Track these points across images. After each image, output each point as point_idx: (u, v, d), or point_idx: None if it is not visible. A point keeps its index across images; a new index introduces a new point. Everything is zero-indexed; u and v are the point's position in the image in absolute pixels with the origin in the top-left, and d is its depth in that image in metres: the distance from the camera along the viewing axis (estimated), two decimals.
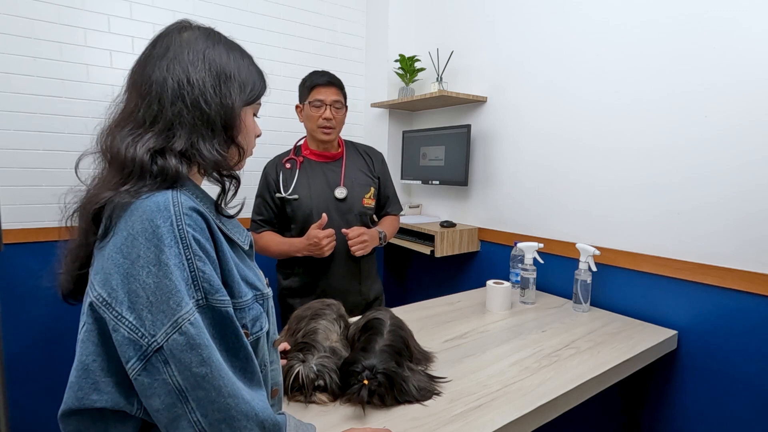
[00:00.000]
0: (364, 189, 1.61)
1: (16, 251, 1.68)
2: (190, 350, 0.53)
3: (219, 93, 0.64)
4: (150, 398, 0.54)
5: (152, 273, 0.54)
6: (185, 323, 0.54)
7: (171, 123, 0.62)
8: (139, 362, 0.53)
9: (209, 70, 0.64)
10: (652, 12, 1.41)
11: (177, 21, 0.69)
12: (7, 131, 1.66)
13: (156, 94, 0.62)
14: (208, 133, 0.64)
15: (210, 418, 0.54)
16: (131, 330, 0.53)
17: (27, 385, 1.74)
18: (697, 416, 1.36)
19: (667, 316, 1.41)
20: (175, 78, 0.62)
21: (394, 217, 1.74)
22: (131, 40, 1.86)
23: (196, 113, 0.62)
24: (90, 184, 0.64)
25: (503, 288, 1.49)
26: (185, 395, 0.53)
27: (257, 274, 0.72)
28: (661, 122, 1.41)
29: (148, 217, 0.55)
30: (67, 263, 0.65)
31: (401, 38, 2.38)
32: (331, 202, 1.55)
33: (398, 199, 1.77)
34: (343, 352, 1.00)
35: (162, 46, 0.65)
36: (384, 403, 0.87)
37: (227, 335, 0.59)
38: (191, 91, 0.62)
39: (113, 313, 0.54)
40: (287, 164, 1.59)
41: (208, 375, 0.54)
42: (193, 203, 0.60)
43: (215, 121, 0.64)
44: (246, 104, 0.69)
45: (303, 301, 1.51)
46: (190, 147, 0.62)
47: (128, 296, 0.54)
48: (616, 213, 1.54)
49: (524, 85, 1.84)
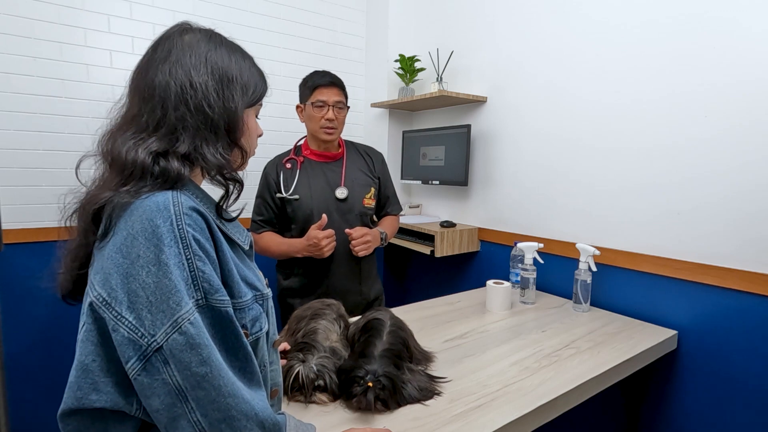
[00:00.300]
0: (364, 189, 1.61)
1: (16, 251, 1.68)
2: (189, 350, 0.53)
3: (222, 96, 0.64)
4: (149, 398, 0.54)
5: (152, 273, 0.54)
6: (185, 323, 0.53)
7: (174, 127, 0.62)
8: (139, 362, 0.53)
9: (212, 73, 0.64)
10: (652, 12, 1.41)
11: (178, 23, 0.69)
12: (7, 131, 1.66)
13: (159, 99, 0.62)
14: (212, 137, 0.64)
15: (210, 418, 0.54)
16: (131, 330, 0.53)
17: (27, 385, 1.74)
18: (697, 416, 1.36)
19: (667, 316, 1.41)
20: (178, 82, 0.62)
21: (394, 218, 1.74)
22: (131, 40, 1.86)
23: (200, 117, 0.63)
24: (90, 186, 0.64)
25: (503, 288, 1.49)
26: (185, 395, 0.53)
27: (257, 275, 0.72)
28: (661, 122, 1.41)
29: (147, 216, 0.55)
30: (66, 263, 0.65)
31: (401, 38, 2.38)
32: (331, 203, 1.55)
33: (398, 199, 1.77)
34: (343, 352, 1.00)
35: (164, 49, 0.65)
36: (387, 407, 0.87)
37: (227, 335, 0.59)
38: (194, 95, 0.62)
39: (113, 313, 0.54)
40: (288, 164, 1.59)
41: (208, 375, 0.54)
42: (193, 203, 0.60)
43: (218, 125, 0.64)
44: (248, 106, 0.69)
45: (303, 301, 1.50)
46: (194, 151, 0.62)
47: (128, 296, 0.54)
48: (616, 213, 1.54)
49: (524, 85, 1.84)
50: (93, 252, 0.60)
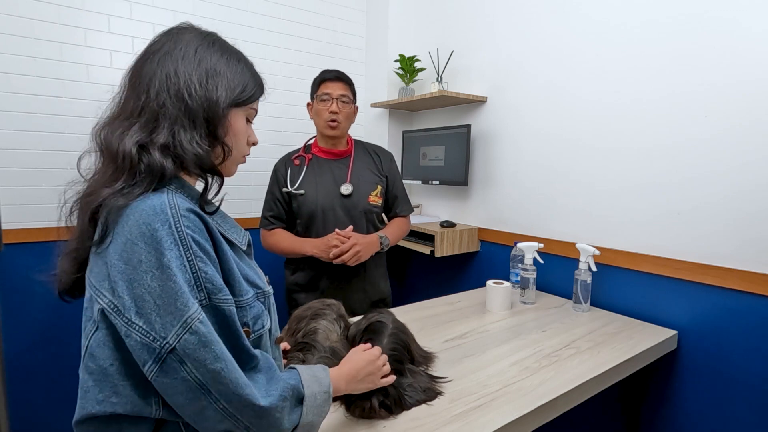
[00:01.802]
0: (370, 186, 1.60)
1: (16, 251, 1.68)
2: (203, 348, 0.54)
3: (204, 86, 0.64)
4: (173, 396, 0.55)
5: (156, 276, 0.54)
6: (195, 322, 0.54)
7: (156, 114, 0.62)
8: (155, 364, 0.53)
9: (198, 64, 0.65)
10: (652, 12, 1.41)
11: (180, 23, 0.70)
12: (7, 131, 1.66)
13: (144, 86, 0.63)
14: (190, 125, 0.63)
15: (234, 404, 0.56)
16: (143, 334, 0.54)
17: (27, 385, 1.74)
18: (697, 416, 1.36)
19: (667, 316, 1.41)
20: (164, 70, 0.63)
21: (403, 219, 1.71)
22: (131, 40, 1.86)
23: (179, 104, 0.63)
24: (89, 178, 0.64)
25: (503, 288, 1.49)
26: (207, 388, 0.55)
27: (257, 272, 0.72)
28: (661, 122, 1.41)
29: (144, 221, 0.56)
30: (62, 266, 0.65)
31: (401, 38, 2.38)
32: (336, 198, 1.55)
33: (408, 199, 1.74)
34: (343, 353, 0.99)
35: (159, 43, 0.66)
36: (391, 412, 0.86)
37: (230, 334, 0.60)
38: (177, 83, 0.63)
39: (123, 320, 0.54)
40: (296, 161, 1.61)
41: (224, 370, 0.55)
42: (189, 204, 0.60)
43: (197, 113, 0.64)
44: (235, 105, 0.68)
45: (308, 296, 1.53)
46: (172, 139, 0.62)
47: (134, 302, 0.54)
48: (616, 213, 1.54)
49: (524, 85, 1.84)
50: (91, 257, 0.60)
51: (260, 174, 2.13)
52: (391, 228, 1.65)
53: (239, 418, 0.57)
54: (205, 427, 0.57)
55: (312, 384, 0.67)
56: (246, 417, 0.57)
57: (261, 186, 2.17)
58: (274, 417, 0.59)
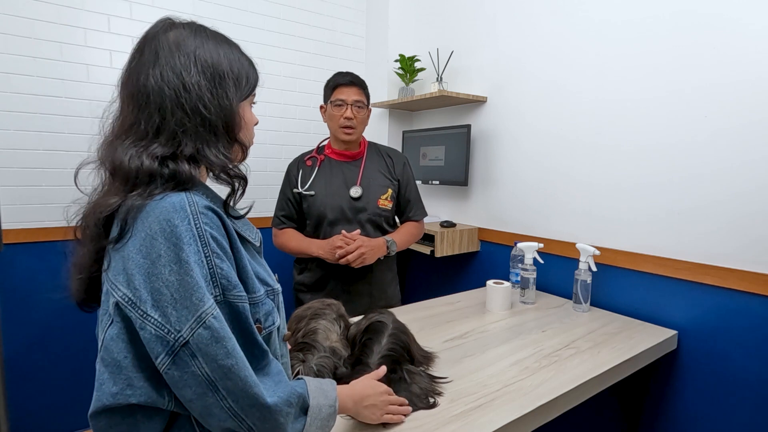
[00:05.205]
0: (381, 189, 1.59)
1: (16, 251, 1.68)
2: (215, 343, 0.55)
3: (216, 95, 0.65)
4: (182, 389, 0.56)
5: (174, 271, 0.55)
6: (209, 317, 0.55)
7: (174, 132, 0.62)
8: (168, 357, 0.54)
9: (203, 72, 0.64)
10: (652, 11, 1.41)
11: (160, 19, 0.68)
12: (7, 131, 1.66)
13: (155, 105, 0.62)
14: (212, 138, 0.64)
15: (241, 404, 0.57)
16: (157, 327, 0.55)
17: (27, 385, 1.74)
18: (697, 416, 1.36)
19: (667, 316, 1.41)
20: (171, 86, 0.62)
21: (415, 224, 1.68)
22: (131, 40, 1.84)
23: (197, 119, 0.63)
24: (92, 194, 0.64)
25: (503, 288, 1.49)
26: (215, 385, 0.56)
27: (267, 271, 0.74)
28: (661, 122, 1.41)
29: (165, 217, 0.57)
30: (75, 272, 0.66)
31: (401, 38, 2.38)
32: (345, 200, 1.55)
33: (422, 204, 1.70)
34: (343, 353, 1.00)
35: (151, 50, 0.64)
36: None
37: (243, 330, 0.61)
38: (189, 98, 0.62)
39: (138, 312, 0.55)
40: (308, 162, 1.61)
41: (234, 366, 0.56)
42: (207, 202, 0.61)
43: (216, 125, 0.65)
44: (243, 99, 0.69)
45: (313, 296, 1.53)
46: (197, 153, 0.63)
47: (151, 295, 0.55)
48: (617, 213, 1.54)
49: (524, 84, 1.84)
50: (108, 254, 0.61)
51: (260, 174, 2.14)
52: (400, 232, 1.63)
53: (244, 419, 0.57)
54: (211, 423, 0.58)
55: (318, 396, 0.67)
56: (251, 418, 0.58)
57: (260, 186, 2.17)
58: (278, 421, 0.60)
